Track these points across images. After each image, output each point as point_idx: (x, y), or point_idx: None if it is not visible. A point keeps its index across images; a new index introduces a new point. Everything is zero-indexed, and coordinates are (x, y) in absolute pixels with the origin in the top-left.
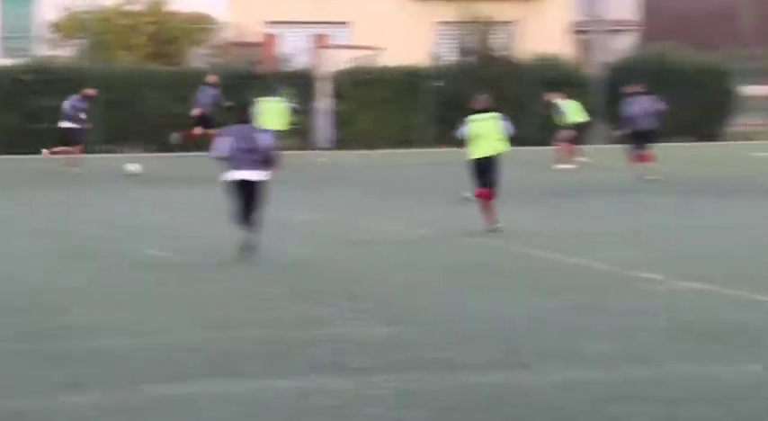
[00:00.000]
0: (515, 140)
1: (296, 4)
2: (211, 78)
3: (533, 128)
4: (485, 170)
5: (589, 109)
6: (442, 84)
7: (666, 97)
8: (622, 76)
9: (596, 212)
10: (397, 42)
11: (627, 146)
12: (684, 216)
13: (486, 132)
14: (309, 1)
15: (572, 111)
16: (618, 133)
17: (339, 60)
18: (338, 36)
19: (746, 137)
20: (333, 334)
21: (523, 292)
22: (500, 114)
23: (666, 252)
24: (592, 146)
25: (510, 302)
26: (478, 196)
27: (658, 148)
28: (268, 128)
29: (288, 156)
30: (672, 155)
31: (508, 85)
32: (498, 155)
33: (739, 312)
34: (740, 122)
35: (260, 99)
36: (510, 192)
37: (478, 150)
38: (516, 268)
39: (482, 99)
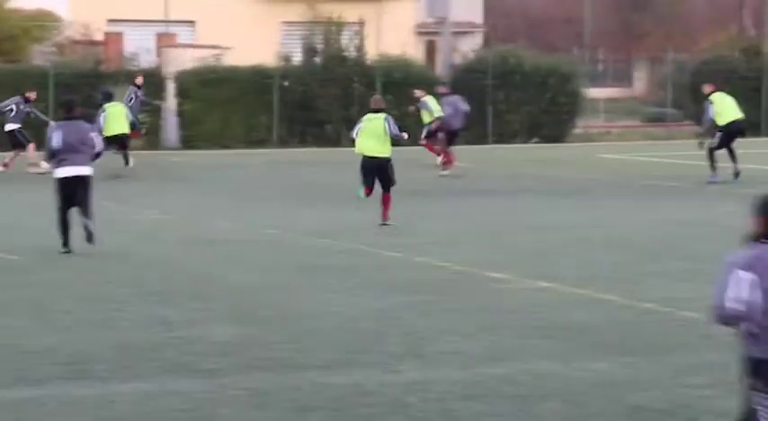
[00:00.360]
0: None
1: (140, 2)
2: (139, 79)
3: None
4: (371, 168)
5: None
6: (288, 83)
7: (513, 99)
8: (469, 77)
9: (444, 213)
10: (243, 42)
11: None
12: (532, 216)
13: (373, 132)
14: None
15: (436, 106)
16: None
17: (185, 59)
18: (184, 35)
19: (590, 138)
20: (182, 335)
21: (374, 291)
22: (386, 115)
23: (516, 252)
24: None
25: (361, 301)
26: (366, 194)
27: (511, 149)
28: (113, 130)
29: (136, 155)
30: (518, 156)
31: (356, 85)
32: (383, 154)
33: (586, 311)
34: (584, 124)
35: (105, 103)
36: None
37: (365, 149)
38: (367, 267)
39: (375, 99)
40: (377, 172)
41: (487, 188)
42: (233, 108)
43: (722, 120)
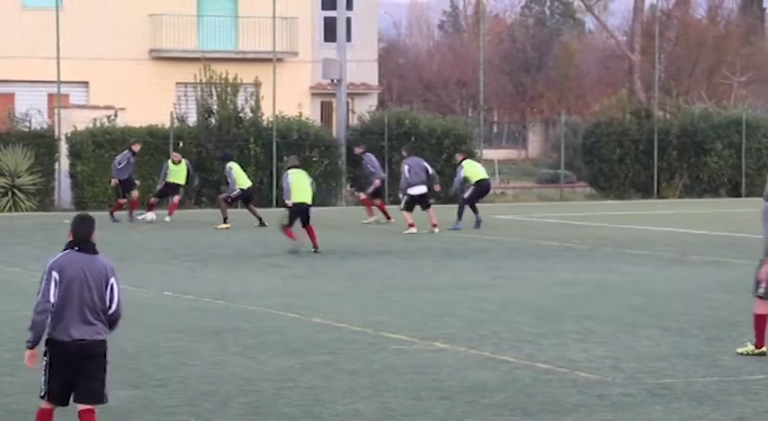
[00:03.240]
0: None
1: (33, 62)
2: (136, 146)
3: (281, 189)
4: (303, 211)
5: (335, 170)
6: (183, 144)
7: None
8: (365, 138)
9: (342, 273)
10: (138, 102)
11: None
12: (429, 276)
13: (302, 183)
14: (47, 60)
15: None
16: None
17: (78, 120)
18: (77, 95)
19: (486, 199)
20: None
21: (272, 353)
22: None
23: (413, 312)
24: (337, 207)
25: (258, 363)
26: (290, 235)
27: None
28: None
29: (26, 217)
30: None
31: (252, 145)
32: (312, 201)
33: (483, 372)
34: None
35: None
36: (246, 254)
37: (298, 196)
38: (263, 328)
39: (292, 158)
40: (307, 213)
41: (386, 248)
42: None
43: (474, 179)
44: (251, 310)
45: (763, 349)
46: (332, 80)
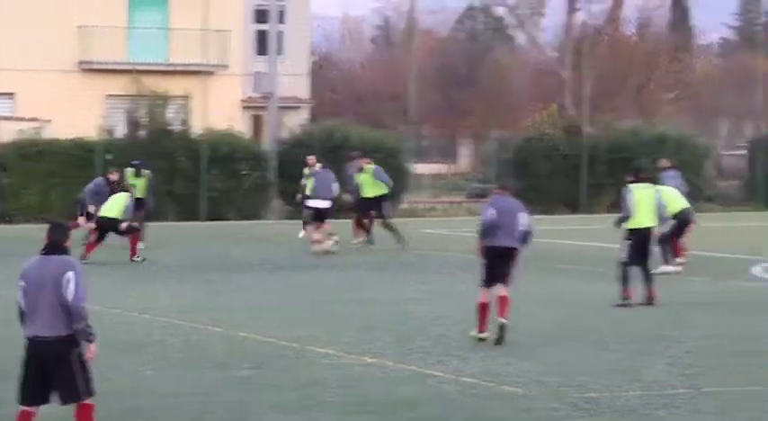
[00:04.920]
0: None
1: None
2: (113, 176)
3: (210, 202)
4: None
5: (265, 183)
6: (112, 157)
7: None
8: (296, 151)
9: (270, 287)
10: (65, 114)
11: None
12: (358, 290)
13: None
14: None
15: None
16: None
17: (4, 132)
18: (2, 107)
19: (416, 213)
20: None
21: (197, 367)
22: None
23: (341, 326)
24: (269, 220)
25: (182, 378)
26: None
27: (342, 222)
28: None
29: None
30: (349, 228)
31: (181, 158)
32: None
33: (411, 386)
34: (410, 199)
35: None
36: (173, 268)
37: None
38: (189, 343)
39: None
40: None
41: (314, 263)
42: (53, 181)
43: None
44: (176, 325)
45: (485, 334)
46: (263, 94)
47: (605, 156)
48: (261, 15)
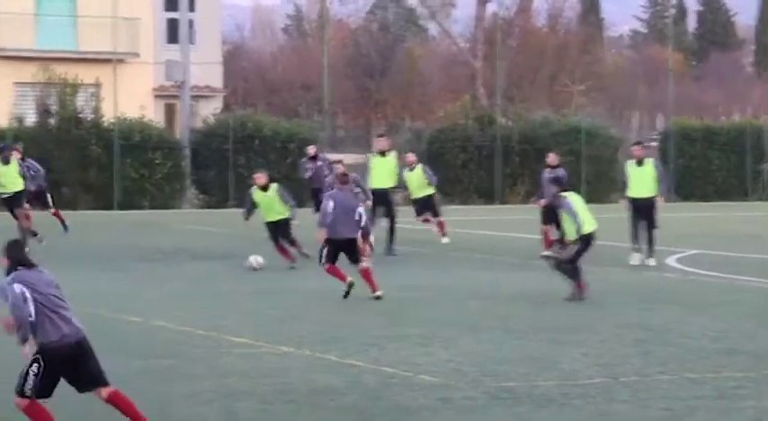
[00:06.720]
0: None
1: None
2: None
3: (124, 191)
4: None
5: (179, 172)
6: (22, 145)
7: (254, 163)
8: (210, 141)
9: (185, 276)
10: None
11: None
12: (274, 281)
13: (269, 204)
14: None
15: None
16: None
17: None
18: None
19: None
20: None
21: (111, 357)
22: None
23: (257, 316)
24: (181, 210)
25: None
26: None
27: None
28: None
29: None
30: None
31: (93, 147)
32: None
33: (330, 376)
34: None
35: None
36: (86, 256)
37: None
38: (103, 332)
39: (260, 175)
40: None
41: (230, 252)
42: None
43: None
44: (91, 314)
45: (378, 293)
46: (175, 82)
47: (518, 147)
48: (171, 3)
